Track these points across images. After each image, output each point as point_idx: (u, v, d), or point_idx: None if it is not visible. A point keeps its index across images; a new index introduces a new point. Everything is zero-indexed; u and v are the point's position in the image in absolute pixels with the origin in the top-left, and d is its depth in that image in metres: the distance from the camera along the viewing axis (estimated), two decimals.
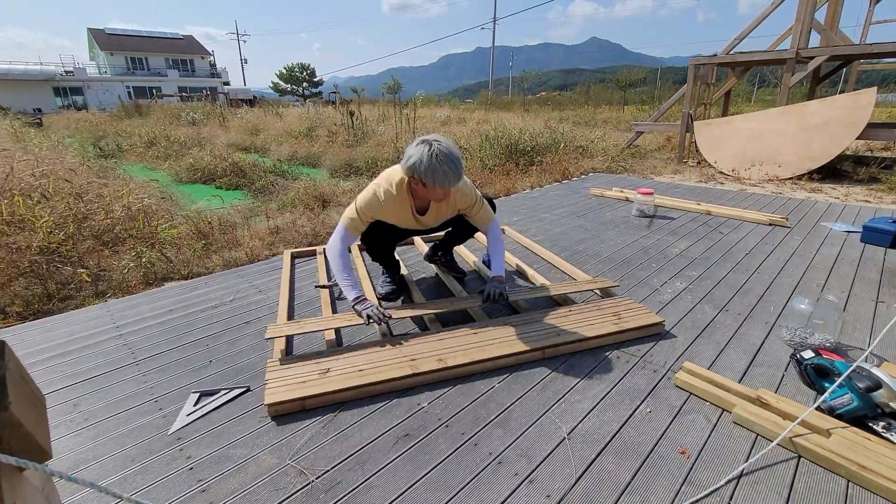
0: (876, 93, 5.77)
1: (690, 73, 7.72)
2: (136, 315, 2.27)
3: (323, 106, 17.35)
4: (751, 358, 1.80)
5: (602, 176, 6.24)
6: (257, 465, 1.31)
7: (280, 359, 1.73)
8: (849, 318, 2.10)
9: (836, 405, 1.42)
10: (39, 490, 0.60)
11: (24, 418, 0.51)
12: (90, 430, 1.48)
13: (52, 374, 1.78)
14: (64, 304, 2.55)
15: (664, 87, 25.04)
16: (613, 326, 1.93)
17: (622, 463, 1.30)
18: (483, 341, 1.83)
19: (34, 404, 0.56)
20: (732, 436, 1.40)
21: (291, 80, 54.01)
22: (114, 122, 14.70)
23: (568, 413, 1.51)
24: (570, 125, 11.49)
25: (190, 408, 1.56)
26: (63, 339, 2.06)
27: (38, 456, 0.55)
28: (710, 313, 2.16)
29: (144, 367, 1.82)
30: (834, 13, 7.48)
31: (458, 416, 1.50)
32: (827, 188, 5.53)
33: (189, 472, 1.30)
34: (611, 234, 3.45)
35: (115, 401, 1.61)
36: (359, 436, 1.42)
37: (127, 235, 3.50)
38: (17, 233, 3.13)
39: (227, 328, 2.10)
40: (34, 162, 4.88)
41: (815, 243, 3.17)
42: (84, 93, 34.77)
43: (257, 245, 3.31)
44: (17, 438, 0.51)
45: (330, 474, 1.28)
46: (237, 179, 6.66)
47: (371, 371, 1.64)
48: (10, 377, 0.50)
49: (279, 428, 1.46)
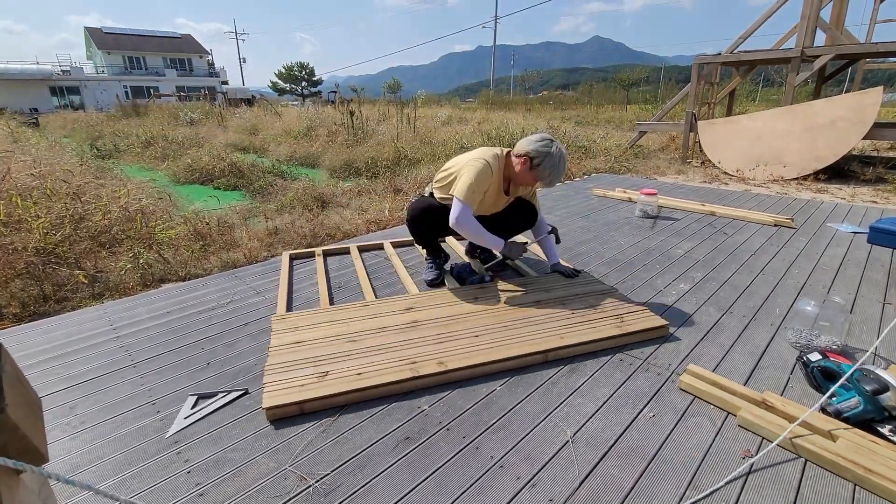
0: (882, 92, 5.74)
1: (694, 73, 7.69)
2: (134, 317, 2.25)
3: (322, 105, 17.35)
4: (756, 360, 1.78)
5: (605, 176, 6.22)
6: (256, 468, 1.29)
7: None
8: (855, 319, 2.08)
9: (843, 408, 1.40)
10: (36, 493, 0.59)
11: (21, 421, 0.51)
12: (87, 432, 1.46)
13: (49, 377, 1.76)
14: (61, 306, 2.53)
15: (667, 86, 25.02)
16: (616, 329, 1.90)
17: (626, 466, 1.28)
18: (484, 344, 1.81)
19: (31, 407, 0.55)
20: (738, 439, 1.38)
21: (290, 79, 54.03)
22: (111, 122, 14.68)
23: (571, 416, 1.49)
24: (573, 125, 11.49)
25: (188, 410, 1.54)
26: (60, 342, 2.04)
27: (34, 459, 0.54)
28: (714, 315, 2.14)
29: (142, 369, 1.80)
30: (839, 12, 7.44)
31: (459, 419, 1.48)
32: (833, 188, 5.51)
33: (187, 475, 1.28)
34: (614, 235, 3.43)
35: (112, 403, 1.59)
36: (358, 439, 1.40)
37: (124, 236, 3.48)
38: (13, 233, 3.11)
39: (226, 330, 2.08)
40: (31, 162, 4.87)
41: (820, 244, 3.14)
42: (81, 92, 34.67)
43: (255, 246, 3.30)
44: (14, 441, 0.51)
45: (329, 478, 1.26)
46: (235, 180, 6.65)
47: (370, 374, 1.62)
48: (6, 379, 0.49)
49: (278, 431, 1.44)
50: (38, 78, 33.34)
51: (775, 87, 23.42)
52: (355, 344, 1.82)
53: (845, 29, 7.50)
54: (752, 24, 7.46)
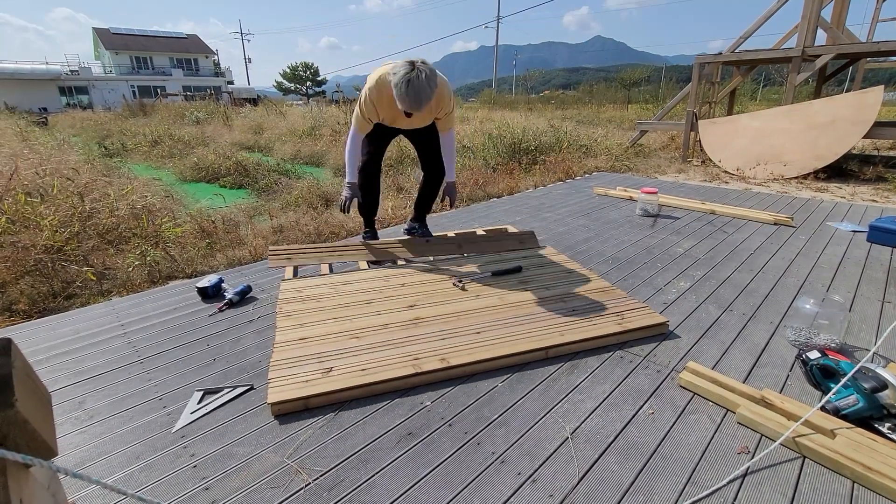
0: (883, 91, 5.72)
1: (695, 72, 7.66)
2: (141, 313, 2.28)
3: (326, 105, 17.36)
4: (755, 358, 1.79)
5: (606, 175, 6.22)
6: (260, 463, 1.32)
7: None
8: (855, 318, 2.08)
9: (842, 406, 1.41)
10: (45, 487, 0.60)
11: (31, 415, 0.52)
12: (95, 427, 1.48)
13: (58, 372, 1.79)
14: (69, 303, 2.57)
15: (668, 85, 24.90)
16: (617, 326, 1.92)
17: (625, 463, 1.30)
18: (486, 341, 1.83)
19: (40, 402, 0.56)
20: (736, 436, 1.40)
21: (295, 79, 54.13)
22: (118, 122, 14.76)
23: (571, 413, 1.50)
24: (574, 124, 11.46)
25: (194, 406, 1.56)
26: (68, 338, 2.07)
27: (43, 453, 0.55)
28: (714, 313, 2.15)
29: (149, 364, 1.82)
30: (840, 11, 7.41)
31: (460, 415, 1.50)
32: (833, 187, 5.49)
33: (193, 469, 1.30)
34: (614, 233, 3.44)
35: (119, 398, 1.62)
36: (361, 435, 1.42)
37: (131, 234, 3.52)
38: (22, 231, 3.15)
39: (231, 327, 2.11)
40: (39, 161, 4.91)
41: (820, 243, 3.15)
42: (89, 92, 34.90)
43: (260, 244, 3.32)
44: (24, 435, 0.52)
45: (332, 473, 1.28)
46: (241, 178, 6.69)
47: (374, 370, 1.65)
48: (16, 374, 0.50)
49: (282, 427, 1.46)
50: (48, 78, 33.56)
51: (776, 87, 23.28)
52: (359, 340, 1.84)
53: (846, 28, 7.45)
54: (752, 24, 7.42)
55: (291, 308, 2.15)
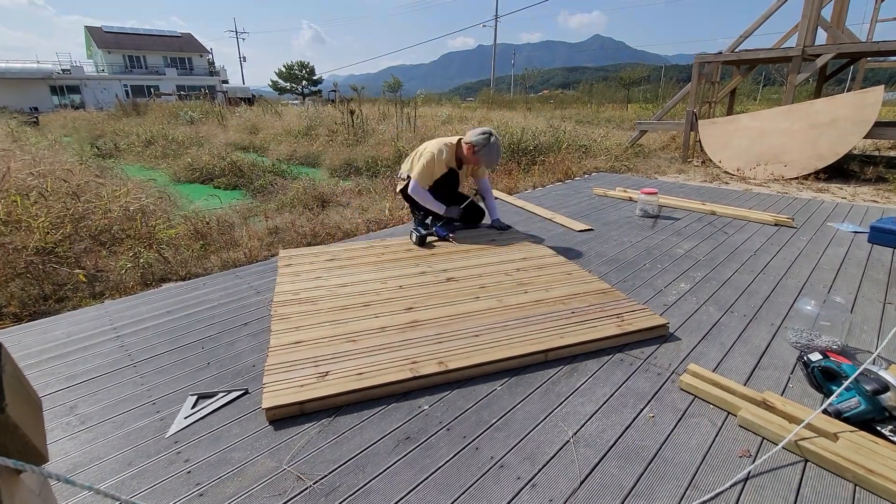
0: (883, 91, 5.73)
1: (695, 71, 7.67)
2: (134, 316, 2.25)
3: (322, 105, 17.34)
4: (756, 360, 1.78)
5: (605, 175, 6.21)
6: (255, 468, 1.29)
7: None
8: (856, 319, 2.08)
9: (843, 408, 1.40)
10: (36, 493, 0.59)
11: (21, 421, 0.51)
12: (87, 432, 1.46)
13: (49, 376, 1.76)
14: (61, 305, 2.53)
15: (668, 85, 24.97)
16: (617, 329, 1.90)
17: (626, 467, 1.28)
18: (484, 344, 1.81)
19: (31, 406, 0.55)
20: (738, 439, 1.38)
21: (291, 78, 54.00)
22: (111, 121, 14.69)
23: (571, 416, 1.48)
24: (573, 124, 11.48)
25: (188, 410, 1.54)
26: (60, 341, 2.04)
27: (34, 459, 0.54)
28: (714, 315, 2.14)
29: (142, 368, 1.80)
30: (840, 10, 7.43)
31: (459, 419, 1.48)
32: (833, 188, 5.50)
33: (187, 475, 1.28)
34: (614, 234, 3.42)
35: (112, 403, 1.59)
36: (358, 439, 1.40)
37: (124, 235, 3.48)
38: (13, 233, 3.11)
39: (225, 330, 2.08)
40: (31, 161, 4.87)
41: (821, 244, 3.14)
42: (81, 91, 34.60)
43: (255, 245, 3.30)
44: (14, 441, 0.51)
45: (329, 478, 1.26)
46: (236, 179, 6.65)
47: (371, 374, 1.62)
48: (6, 379, 0.49)
49: (277, 432, 1.44)
50: (39, 77, 33.29)
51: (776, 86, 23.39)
52: (355, 344, 1.82)
53: (846, 28, 7.48)
54: (752, 23, 7.44)
55: (287, 311, 2.13)
